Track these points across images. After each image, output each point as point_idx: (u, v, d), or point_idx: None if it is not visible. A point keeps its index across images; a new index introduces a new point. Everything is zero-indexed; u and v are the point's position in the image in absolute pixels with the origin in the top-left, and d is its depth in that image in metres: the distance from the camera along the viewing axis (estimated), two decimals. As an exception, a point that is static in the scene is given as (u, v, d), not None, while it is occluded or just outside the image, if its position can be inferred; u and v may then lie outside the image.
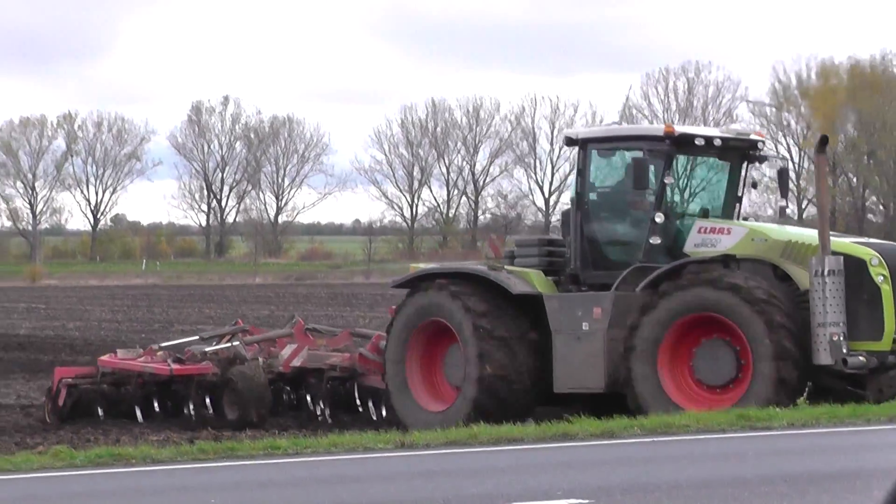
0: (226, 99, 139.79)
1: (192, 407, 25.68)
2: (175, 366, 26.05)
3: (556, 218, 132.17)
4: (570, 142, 26.05)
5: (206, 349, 26.99)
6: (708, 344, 23.42)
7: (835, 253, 23.08)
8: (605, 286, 24.39)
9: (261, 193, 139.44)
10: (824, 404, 21.32)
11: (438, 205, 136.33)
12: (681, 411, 21.51)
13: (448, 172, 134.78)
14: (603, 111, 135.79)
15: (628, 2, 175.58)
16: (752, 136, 26.01)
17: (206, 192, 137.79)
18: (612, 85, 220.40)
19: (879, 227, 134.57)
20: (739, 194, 25.77)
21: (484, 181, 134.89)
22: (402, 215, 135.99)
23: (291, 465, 16.79)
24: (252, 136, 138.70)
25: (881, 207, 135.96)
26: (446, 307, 24.70)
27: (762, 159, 26.42)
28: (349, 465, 16.90)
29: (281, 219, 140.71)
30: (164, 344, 28.53)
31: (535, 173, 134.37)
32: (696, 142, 25.01)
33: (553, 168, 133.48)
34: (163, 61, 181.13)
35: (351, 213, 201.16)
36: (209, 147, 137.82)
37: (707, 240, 24.73)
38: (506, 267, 25.08)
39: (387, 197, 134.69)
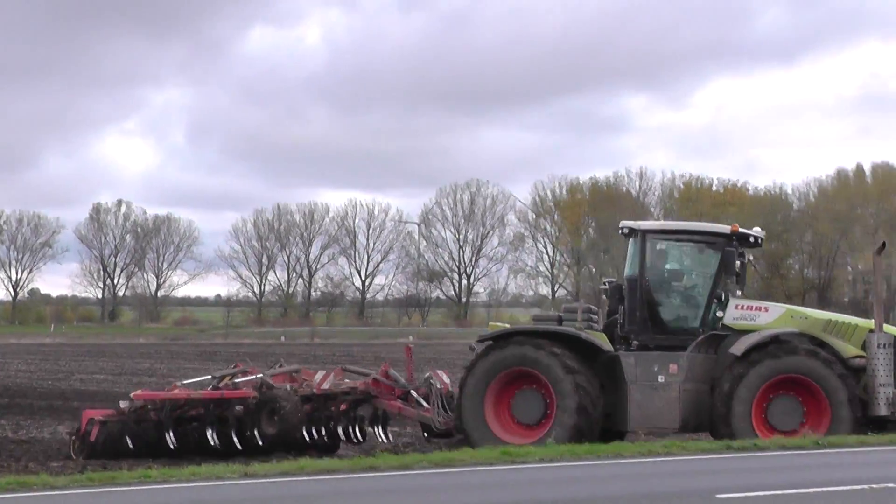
0: (119, 202, 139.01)
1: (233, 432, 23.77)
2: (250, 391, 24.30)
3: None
4: (632, 232, 25.09)
5: (237, 381, 25.10)
6: (785, 396, 23.12)
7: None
8: (665, 347, 23.91)
9: (145, 274, 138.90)
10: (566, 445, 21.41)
11: (281, 284, 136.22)
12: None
13: (289, 260, 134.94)
14: (406, 215, 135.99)
15: (428, 135, 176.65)
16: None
17: (102, 272, 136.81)
18: (414, 196, 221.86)
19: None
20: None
21: (316, 267, 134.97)
22: (253, 291, 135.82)
23: (164, 490, 16.36)
24: (139, 230, 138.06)
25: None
26: (543, 362, 23.39)
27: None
28: (201, 492, 16.44)
29: (160, 293, 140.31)
30: (185, 382, 26.58)
31: (355, 261, 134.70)
32: (751, 239, 25.04)
33: (368, 257, 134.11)
34: (71, 173, 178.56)
35: (214, 289, 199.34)
36: (105, 238, 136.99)
37: (745, 315, 24.45)
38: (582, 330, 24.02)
39: (241, 278, 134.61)
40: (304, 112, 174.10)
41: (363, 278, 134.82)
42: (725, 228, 25.06)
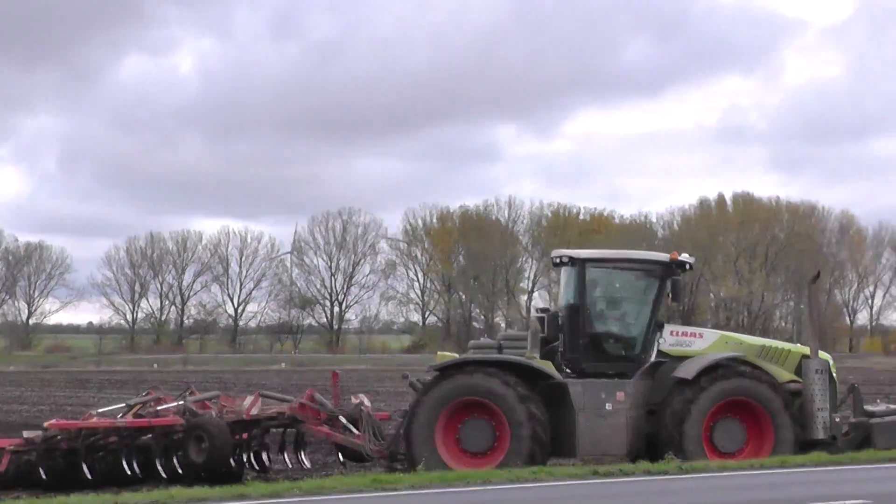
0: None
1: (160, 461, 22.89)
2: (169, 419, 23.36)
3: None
4: (571, 261, 24.86)
5: (159, 408, 24.03)
6: (728, 419, 23.58)
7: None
8: (606, 374, 24.04)
9: (16, 301, 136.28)
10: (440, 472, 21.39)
11: (153, 311, 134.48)
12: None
13: (161, 287, 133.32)
14: (279, 242, 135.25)
15: (300, 163, 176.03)
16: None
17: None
18: (287, 223, 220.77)
19: (481, 332, 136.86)
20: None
21: (188, 294, 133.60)
22: (126, 319, 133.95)
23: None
24: (10, 257, 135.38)
25: (482, 317, 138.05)
26: (496, 391, 23.15)
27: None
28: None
29: (31, 321, 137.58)
30: (100, 410, 25.04)
31: (227, 289, 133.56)
32: (686, 266, 25.20)
33: (241, 285, 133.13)
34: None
35: (86, 316, 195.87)
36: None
37: (680, 341, 24.82)
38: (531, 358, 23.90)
39: (114, 305, 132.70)
40: (176, 140, 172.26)
41: (236, 305, 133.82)
42: (664, 256, 25.23)
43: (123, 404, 25.18)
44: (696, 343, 24.78)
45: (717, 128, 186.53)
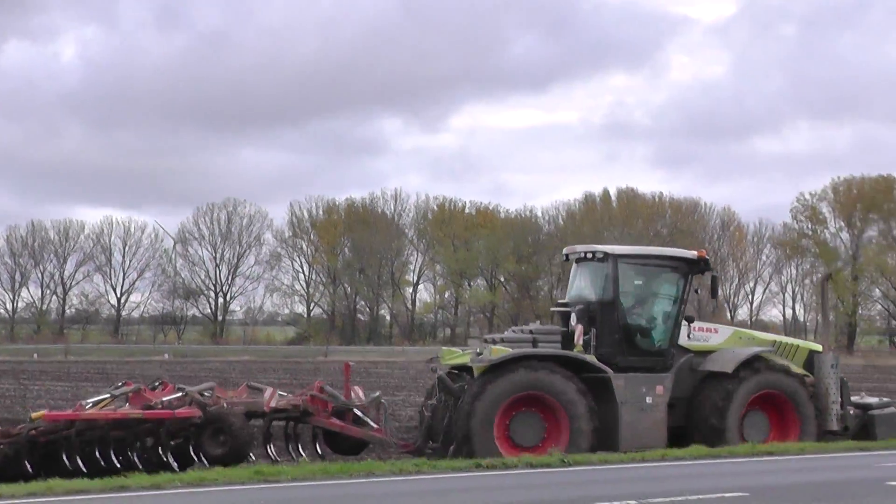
0: None
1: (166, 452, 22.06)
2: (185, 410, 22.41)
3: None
4: (603, 257, 25.18)
5: (164, 398, 22.91)
6: (756, 410, 24.74)
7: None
8: (636, 368, 24.44)
9: None
10: (319, 462, 21.31)
11: (34, 301, 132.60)
12: None
13: (42, 277, 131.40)
14: (163, 234, 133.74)
15: (186, 153, 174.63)
16: None
17: None
18: (172, 214, 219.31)
19: (366, 324, 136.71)
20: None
21: (70, 284, 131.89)
22: (5, 308, 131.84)
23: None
24: None
25: (368, 309, 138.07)
26: (557, 386, 23.30)
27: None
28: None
29: None
30: (90, 400, 23.76)
31: (110, 279, 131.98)
32: (709, 262, 25.92)
33: (124, 275, 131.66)
34: None
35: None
36: None
37: (699, 336, 25.60)
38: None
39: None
40: (59, 128, 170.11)
41: (118, 296, 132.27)
42: (692, 254, 25.91)
43: (108, 395, 23.71)
44: (713, 338, 25.75)
45: (602, 124, 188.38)
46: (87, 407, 23.27)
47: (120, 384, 24.62)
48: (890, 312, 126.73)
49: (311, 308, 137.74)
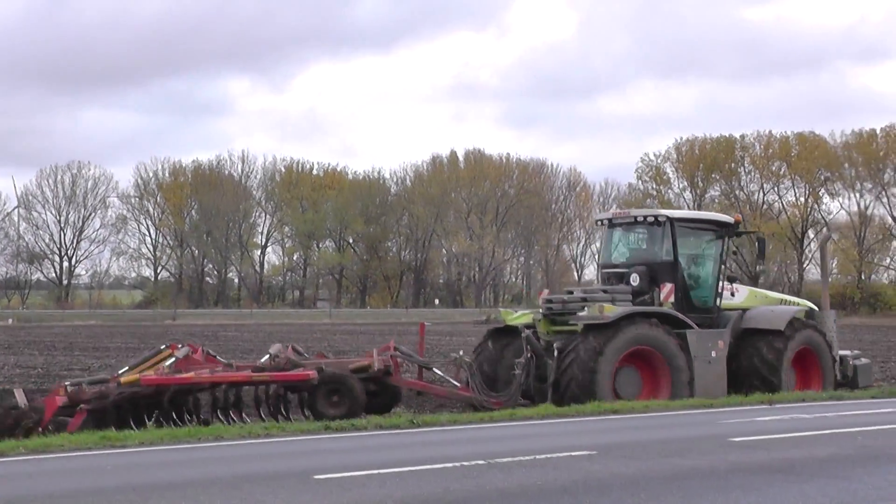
0: None
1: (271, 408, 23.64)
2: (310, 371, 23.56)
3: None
4: (658, 220, 26.94)
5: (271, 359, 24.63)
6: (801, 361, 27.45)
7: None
8: (689, 325, 26.09)
9: None
10: (167, 428, 21.04)
11: None
12: None
13: None
14: (6, 196, 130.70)
15: (27, 115, 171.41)
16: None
17: None
18: (15, 175, 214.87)
19: (214, 287, 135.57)
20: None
21: None
22: None
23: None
24: None
25: (215, 272, 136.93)
26: (662, 340, 25.24)
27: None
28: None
29: None
30: (167, 364, 23.80)
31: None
32: (739, 227, 28.17)
33: None
34: None
35: None
36: None
37: (724, 295, 27.69)
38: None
39: None
40: None
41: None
42: (729, 218, 28.24)
43: (171, 360, 24.04)
44: (735, 298, 27.88)
45: (449, 84, 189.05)
46: (121, 373, 23.79)
47: (163, 347, 25.05)
48: (731, 271, 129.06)
49: (158, 271, 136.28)
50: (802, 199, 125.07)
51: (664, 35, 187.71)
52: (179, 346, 24.78)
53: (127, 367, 24.40)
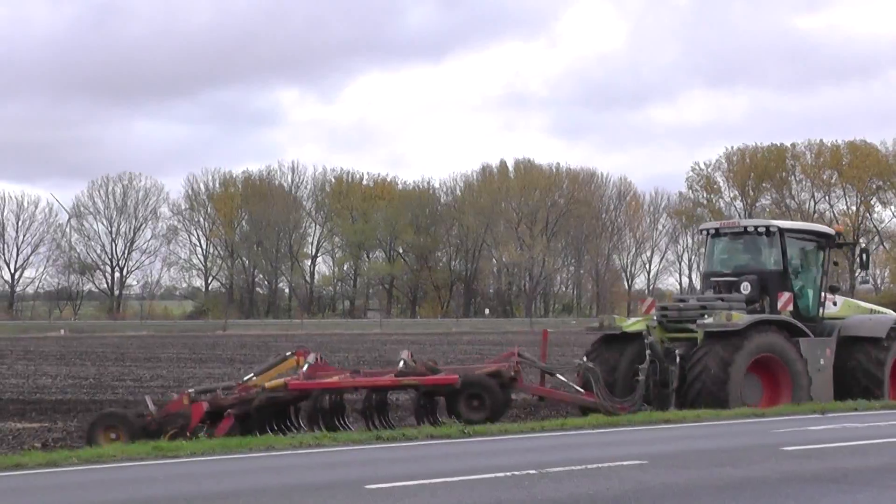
0: None
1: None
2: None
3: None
4: (769, 231, 27.99)
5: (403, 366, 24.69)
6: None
7: None
8: (806, 333, 27.02)
9: None
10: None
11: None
12: None
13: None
14: (58, 208, 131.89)
15: (79, 126, 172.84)
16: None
17: None
18: (66, 187, 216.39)
19: (265, 297, 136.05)
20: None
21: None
22: None
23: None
24: None
25: (266, 282, 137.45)
26: (783, 346, 26.20)
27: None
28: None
29: None
30: (300, 370, 24.37)
31: (3, 254, 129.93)
32: (840, 239, 29.41)
33: (18, 250, 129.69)
34: None
35: None
36: None
37: (827, 305, 28.58)
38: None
39: None
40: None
41: (12, 271, 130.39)
42: (831, 229, 29.45)
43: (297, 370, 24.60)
44: (833, 308, 28.64)
45: (499, 94, 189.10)
46: (245, 379, 24.35)
47: (289, 353, 25.22)
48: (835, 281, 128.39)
49: (209, 282, 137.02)
50: (854, 208, 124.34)
51: (714, 44, 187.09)
52: (307, 352, 25.04)
53: (252, 374, 24.73)
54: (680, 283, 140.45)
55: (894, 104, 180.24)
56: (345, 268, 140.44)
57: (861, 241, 34.19)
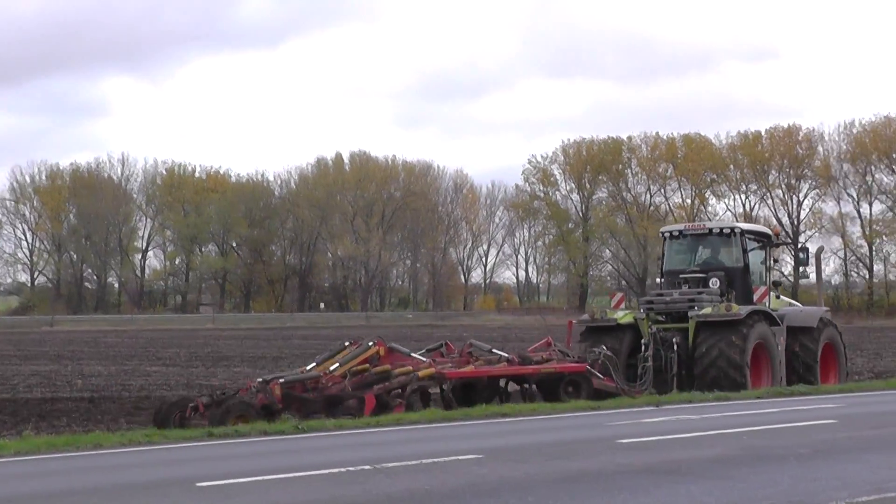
0: None
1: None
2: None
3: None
4: (733, 232, 31.31)
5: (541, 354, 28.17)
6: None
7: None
8: (778, 324, 30.29)
9: None
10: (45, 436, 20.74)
11: None
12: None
13: None
14: None
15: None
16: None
17: None
18: None
19: (94, 293, 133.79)
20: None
21: None
22: None
23: None
24: None
25: (95, 277, 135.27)
26: (768, 333, 29.51)
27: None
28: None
29: None
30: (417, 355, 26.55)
31: None
32: (776, 239, 32.94)
33: None
34: None
35: None
36: None
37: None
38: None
39: None
40: None
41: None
42: (769, 230, 33.03)
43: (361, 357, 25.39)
44: (766, 301, 30.88)
45: (335, 85, 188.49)
46: (308, 368, 25.52)
47: (347, 343, 26.59)
48: (619, 272, 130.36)
49: (34, 277, 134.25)
50: (689, 201, 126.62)
51: (553, 35, 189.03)
52: (370, 343, 26.01)
53: (314, 363, 25.83)
54: (517, 276, 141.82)
55: (730, 98, 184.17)
56: (176, 262, 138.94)
57: (800, 240, 41.35)
